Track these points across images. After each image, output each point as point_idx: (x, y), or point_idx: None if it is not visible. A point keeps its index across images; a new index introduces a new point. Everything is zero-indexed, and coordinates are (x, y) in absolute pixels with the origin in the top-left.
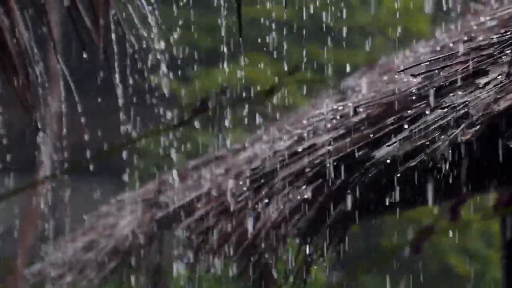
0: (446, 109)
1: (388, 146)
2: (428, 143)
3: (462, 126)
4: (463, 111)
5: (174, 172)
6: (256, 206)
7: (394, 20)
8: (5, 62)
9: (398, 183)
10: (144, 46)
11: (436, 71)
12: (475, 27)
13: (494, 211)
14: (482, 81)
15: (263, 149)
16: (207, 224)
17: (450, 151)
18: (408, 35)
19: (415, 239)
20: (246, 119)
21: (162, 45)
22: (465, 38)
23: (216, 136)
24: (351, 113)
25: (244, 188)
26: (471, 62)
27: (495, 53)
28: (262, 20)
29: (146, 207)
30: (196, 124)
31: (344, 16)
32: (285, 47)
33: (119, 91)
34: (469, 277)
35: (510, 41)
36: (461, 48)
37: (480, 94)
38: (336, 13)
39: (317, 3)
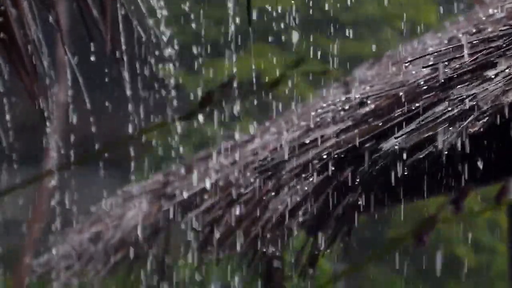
0: (454, 101)
1: (396, 138)
2: (436, 135)
3: (470, 118)
4: (472, 103)
5: (181, 164)
6: (264, 198)
7: (402, 11)
8: (13, 54)
9: (405, 175)
10: (152, 37)
11: (445, 62)
12: (483, 19)
13: (496, 201)
14: (491, 73)
15: (270, 141)
16: (214, 216)
17: (458, 143)
18: (415, 26)
19: (418, 231)
20: (253, 110)
21: (169, 36)
22: (474, 30)
23: (223, 127)
24: (359, 105)
25: (251, 180)
26: (479, 54)
27: (503, 45)
28: (269, 10)
29: (153, 199)
30: (204, 115)
31: (352, 7)
32: (293, 37)
33: (127, 82)
34: (476, 267)
35: None
36: (470, 40)
37: (488, 86)
38: (343, 4)
39: None
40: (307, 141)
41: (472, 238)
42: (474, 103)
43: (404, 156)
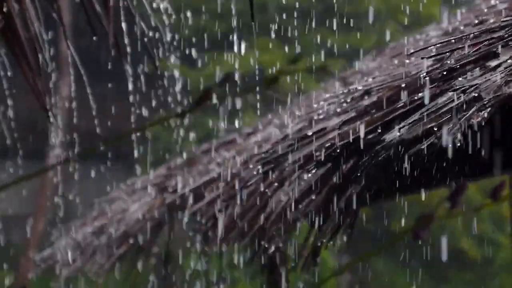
0: (456, 92)
1: (399, 129)
2: (438, 126)
3: (473, 109)
4: (474, 94)
5: (184, 157)
6: (266, 190)
7: (405, 3)
8: (16, 48)
9: (408, 166)
10: (155, 31)
11: (447, 53)
12: (485, 10)
13: (492, 197)
14: (493, 63)
15: (273, 133)
16: (217, 209)
17: (460, 134)
18: (418, 18)
19: (415, 226)
20: (256, 103)
21: (172, 30)
22: (476, 21)
23: (226, 120)
24: (362, 97)
25: (254, 172)
26: (481, 44)
27: (505, 36)
28: (272, 4)
29: (157, 192)
30: (207, 109)
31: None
32: (295, 31)
33: (129, 76)
34: (480, 260)
35: None
36: (472, 31)
37: (491, 77)
38: None
39: None
40: (310, 133)
41: (476, 231)
42: (477, 94)
43: (407, 147)
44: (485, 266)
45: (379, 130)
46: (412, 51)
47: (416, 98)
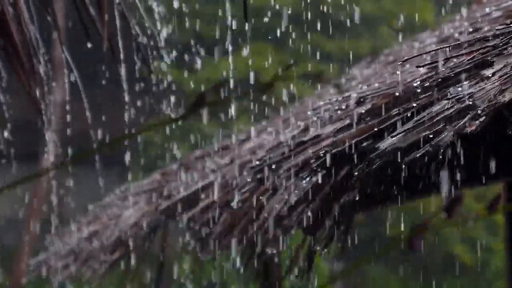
0: (451, 100)
1: (393, 137)
2: (433, 134)
3: (467, 117)
4: (468, 102)
5: (179, 163)
6: (261, 197)
7: (399, 9)
8: (11, 52)
9: (402, 174)
10: (149, 35)
11: (441, 62)
12: (480, 18)
13: (489, 210)
14: (487, 72)
15: (268, 140)
16: (212, 215)
17: (455, 142)
18: (413, 25)
19: (410, 235)
20: (251, 110)
21: (166, 34)
22: (471, 29)
23: (221, 127)
24: (356, 104)
25: (249, 179)
26: (476, 53)
27: (500, 44)
28: (267, 9)
29: (151, 198)
30: (201, 115)
31: (349, 5)
32: (290, 36)
33: (124, 80)
34: (473, 266)
35: None
36: (467, 39)
37: (485, 85)
38: (340, 2)
39: None
40: (304, 140)
41: (470, 237)
42: (471, 102)
43: (401, 155)
44: (479, 272)
45: (374, 138)
46: (406, 58)
47: (410, 106)
